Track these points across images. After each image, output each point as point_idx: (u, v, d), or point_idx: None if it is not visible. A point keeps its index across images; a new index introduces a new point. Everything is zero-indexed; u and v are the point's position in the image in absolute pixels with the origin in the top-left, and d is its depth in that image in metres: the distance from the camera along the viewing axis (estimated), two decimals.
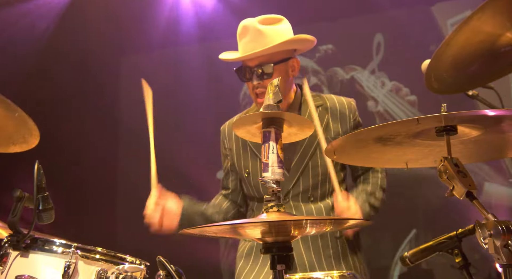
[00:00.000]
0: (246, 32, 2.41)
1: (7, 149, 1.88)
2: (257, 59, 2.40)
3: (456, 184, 1.46)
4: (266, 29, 2.40)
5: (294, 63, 2.49)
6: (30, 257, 1.83)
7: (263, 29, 2.40)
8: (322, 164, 2.44)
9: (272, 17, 2.47)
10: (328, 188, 2.47)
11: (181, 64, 5.41)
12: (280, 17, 2.49)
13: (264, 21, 2.44)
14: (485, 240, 1.36)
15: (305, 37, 2.45)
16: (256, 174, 2.51)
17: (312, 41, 2.48)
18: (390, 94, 4.97)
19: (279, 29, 2.43)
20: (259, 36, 2.39)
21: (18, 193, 1.81)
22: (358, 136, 1.65)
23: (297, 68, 2.52)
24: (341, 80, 5.21)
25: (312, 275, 1.94)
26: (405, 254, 1.84)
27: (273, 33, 2.41)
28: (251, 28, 2.40)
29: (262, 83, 2.41)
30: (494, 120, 1.50)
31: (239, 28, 2.45)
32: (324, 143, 2.28)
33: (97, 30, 5.21)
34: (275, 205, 1.52)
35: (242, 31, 2.43)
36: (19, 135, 1.80)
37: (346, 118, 2.51)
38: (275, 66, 2.40)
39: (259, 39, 2.39)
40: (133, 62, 5.77)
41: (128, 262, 1.91)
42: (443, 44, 1.46)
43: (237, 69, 2.48)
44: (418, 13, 4.82)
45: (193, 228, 1.49)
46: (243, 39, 2.43)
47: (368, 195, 2.44)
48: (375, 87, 5.02)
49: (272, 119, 1.56)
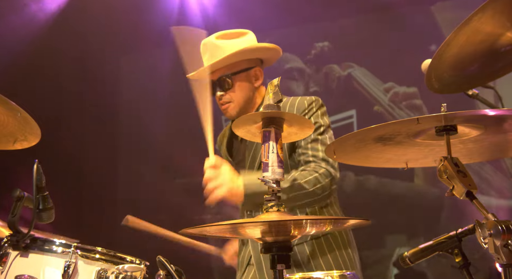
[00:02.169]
0: (205, 49, 2.49)
1: (7, 147, 1.88)
2: (218, 72, 2.47)
3: (456, 184, 1.46)
4: (223, 43, 2.47)
5: (256, 72, 2.54)
6: (30, 257, 1.83)
7: (219, 43, 2.47)
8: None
9: (233, 32, 2.52)
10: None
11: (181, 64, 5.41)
12: (244, 31, 2.53)
13: (222, 36, 2.50)
14: (485, 240, 1.36)
15: (262, 46, 2.50)
16: (243, 166, 2.51)
17: (274, 49, 2.52)
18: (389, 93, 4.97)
19: (238, 42, 2.48)
20: (216, 51, 2.45)
21: (17, 193, 1.81)
22: (358, 136, 1.65)
23: (261, 76, 2.56)
24: (338, 77, 5.22)
25: (312, 275, 1.94)
26: (405, 253, 1.84)
27: (230, 46, 2.46)
28: (209, 44, 2.48)
29: (224, 94, 2.48)
30: (494, 119, 1.50)
31: (201, 46, 2.51)
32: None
33: (97, 29, 5.21)
34: (275, 204, 1.52)
35: (203, 49, 2.50)
36: (20, 133, 1.80)
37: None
38: (234, 77, 2.47)
39: (216, 53, 2.45)
40: (133, 62, 5.78)
41: (128, 262, 1.91)
42: (444, 44, 1.46)
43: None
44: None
45: (193, 228, 1.49)
46: (204, 56, 2.50)
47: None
48: (373, 85, 5.02)
49: (272, 118, 1.56)
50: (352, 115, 5.05)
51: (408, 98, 4.92)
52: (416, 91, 4.90)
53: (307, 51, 5.33)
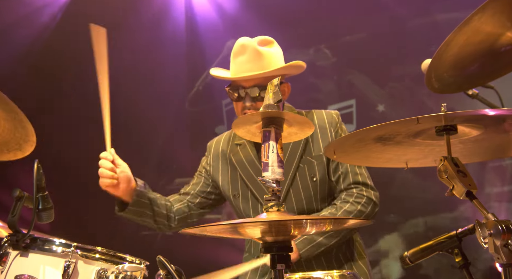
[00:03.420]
0: (244, 51, 2.40)
1: (1, 157, 1.87)
2: (253, 81, 2.39)
3: (456, 184, 1.46)
4: (264, 51, 2.41)
5: (285, 88, 2.51)
6: (30, 256, 1.82)
7: (262, 50, 2.41)
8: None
9: (267, 39, 2.48)
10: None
11: (181, 63, 5.41)
12: (272, 39, 2.50)
13: (261, 42, 2.44)
14: (485, 240, 1.36)
15: (301, 64, 2.47)
16: (247, 198, 2.51)
17: (303, 67, 2.49)
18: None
19: (274, 52, 2.45)
20: (257, 57, 2.39)
21: (17, 192, 1.80)
22: (358, 136, 1.65)
23: (288, 93, 2.53)
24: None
25: (312, 274, 1.94)
26: (405, 253, 1.84)
27: (270, 55, 2.42)
28: (250, 48, 2.40)
29: (254, 104, 2.40)
30: (494, 119, 1.50)
31: (237, 46, 2.44)
32: None
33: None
34: (275, 204, 1.52)
35: (240, 49, 2.42)
36: (14, 141, 1.79)
37: (326, 131, 2.47)
38: None
39: (258, 60, 2.39)
40: (133, 61, 5.77)
41: (128, 262, 1.91)
42: (444, 44, 1.46)
43: (230, 87, 2.45)
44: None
45: (193, 228, 1.49)
46: (239, 57, 2.42)
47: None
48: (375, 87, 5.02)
49: (272, 118, 1.56)
50: (352, 105, 5.00)
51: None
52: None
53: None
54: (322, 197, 2.46)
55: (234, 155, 2.56)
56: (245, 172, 2.51)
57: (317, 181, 2.43)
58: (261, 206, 2.47)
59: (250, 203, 2.51)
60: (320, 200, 2.45)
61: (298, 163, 2.44)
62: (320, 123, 2.48)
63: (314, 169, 2.44)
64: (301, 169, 2.44)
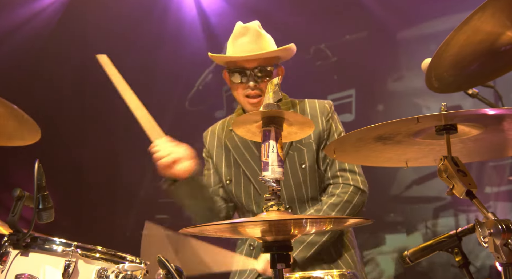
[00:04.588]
0: (246, 32, 2.44)
1: (7, 143, 1.87)
2: (256, 61, 2.41)
3: (456, 183, 1.46)
4: (263, 34, 2.48)
5: (280, 71, 2.54)
6: (30, 256, 1.83)
7: (262, 33, 2.48)
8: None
9: (259, 23, 2.52)
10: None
11: (182, 64, 5.41)
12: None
13: (259, 26, 2.49)
14: (485, 239, 1.36)
15: (294, 47, 2.49)
16: (239, 183, 2.52)
17: (295, 51, 2.52)
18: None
19: (269, 35, 2.52)
20: (259, 38, 2.44)
21: (18, 192, 1.80)
22: (357, 135, 1.65)
23: (282, 75, 2.53)
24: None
25: (312, 274, 1.94)
26: (405, 253, 1.84)
27: (268, 38, 2.49)
28: (252, 29, 2.44)
29: (258, 85, 2.42)
30: (494, 119, 1.50)
31: (238, 28, 2.48)
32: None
33: (96, 30, 5.21)
34: (275, 204, 1.52)
35: (242, 31, 2.45)
36: (18, 133, 1.80)
37: (317, 120, 2.48)
38: (272, 69, 2.44)
39: (260, 41, 2.43)
40: (133, 61, 5.77)
41: (128, 261, 1.90)
42: (444, 44, 1.46)
43: (230, 70, 2.47)
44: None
45: (193, 227, 1.49)
46: (241, 38, 2.44)
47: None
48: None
49: (272, 118, 1.56)
50: (351, 95, 4.97)
51: None
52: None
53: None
54: (312, 185, 2.46)
55: (229, 140, 2.58)
56: (239, 155, 2.52)
57: (306, 168, 2.44)
58: (253, 188, 2.48)
59: (242, 187, 2.51)
60: (310, 187, 2.46)
61: (287, 150, 2.44)
62: (311, 112, 2.50)
63: (303, 156, 2.45)
64: (290, 156, 2.44)
